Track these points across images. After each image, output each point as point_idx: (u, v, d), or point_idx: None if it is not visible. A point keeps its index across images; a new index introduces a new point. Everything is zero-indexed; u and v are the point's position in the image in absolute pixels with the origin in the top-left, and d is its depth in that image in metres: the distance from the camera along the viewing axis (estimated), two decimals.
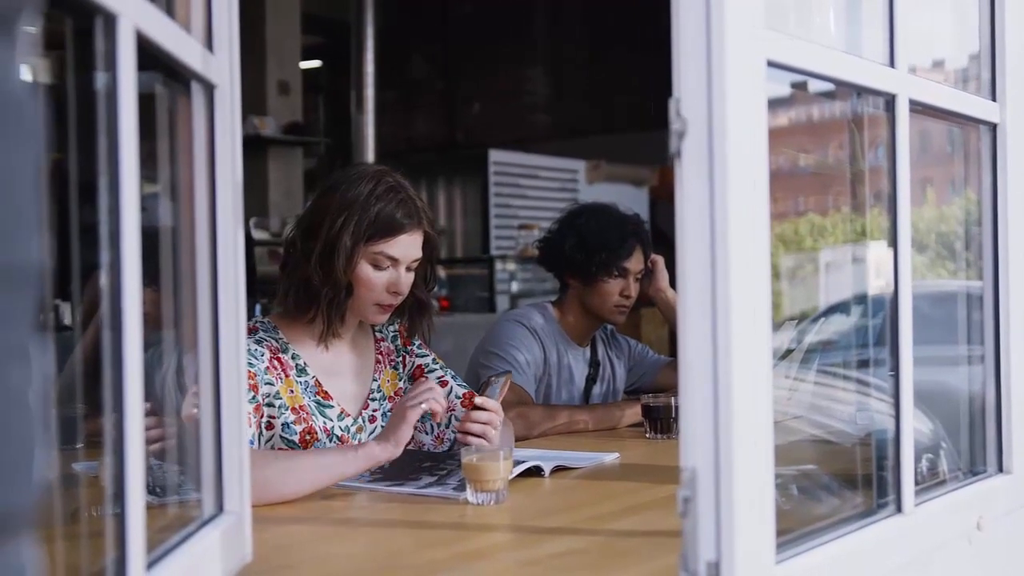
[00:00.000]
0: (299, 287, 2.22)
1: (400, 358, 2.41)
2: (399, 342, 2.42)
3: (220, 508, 1.36)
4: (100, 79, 1.00)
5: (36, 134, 0.57)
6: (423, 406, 2.01)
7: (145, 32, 1.05)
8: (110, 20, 0.98)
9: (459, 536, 1.74)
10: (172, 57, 1.18)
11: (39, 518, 0.58)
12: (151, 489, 1.21)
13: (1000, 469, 1.80)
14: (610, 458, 2.37)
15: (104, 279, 1.00)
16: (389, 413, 2.32)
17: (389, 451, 1.98)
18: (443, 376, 2.40)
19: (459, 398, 2.36)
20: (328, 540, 1.74)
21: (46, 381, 0.59)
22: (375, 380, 2.36)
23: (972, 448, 1.85)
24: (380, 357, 2.38)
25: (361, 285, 2.21)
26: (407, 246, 2.22)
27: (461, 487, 1.93)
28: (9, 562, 0.55)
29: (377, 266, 2.20)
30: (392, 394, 2.37)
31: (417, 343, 2.43)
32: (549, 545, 1.64)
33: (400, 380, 2.39)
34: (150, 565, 1.07)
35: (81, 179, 1.02)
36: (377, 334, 2.41)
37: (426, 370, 2.40)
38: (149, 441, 1.12)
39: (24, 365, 0.56)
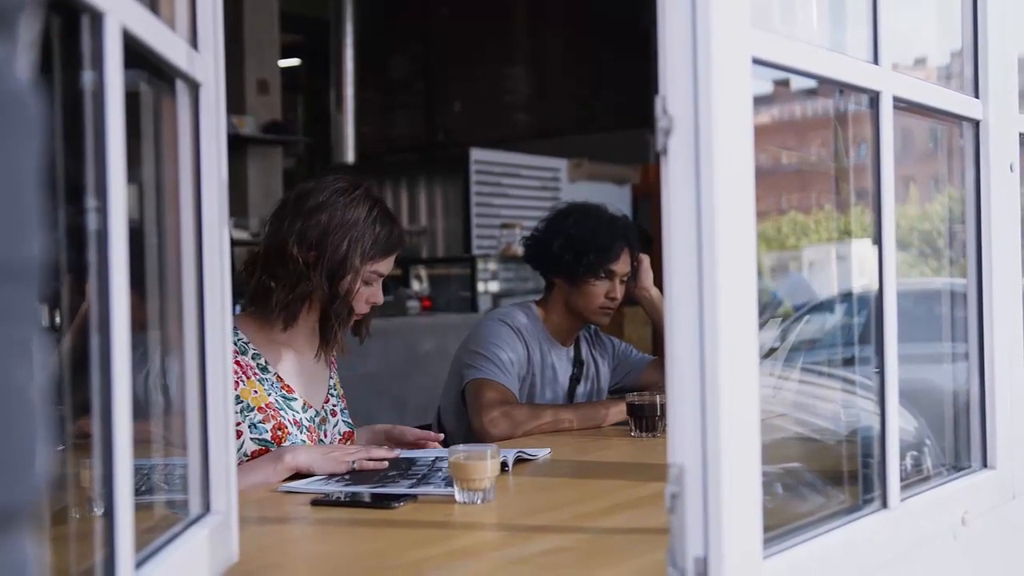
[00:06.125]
0: (300, 300, 2.26)
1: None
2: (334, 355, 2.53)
3: (207, 508, 1.36)
4: (86, 77, 1.00)
5: (37, 132, 0.58)
6: (354, 464, 2.13)
7: (131, 30, 1.05)
8: (97, 18, 0.98)
9: (446, 535, 1.74)
10: (158, 55, 1.17)
11: (39, 515, 0.58)
12: (136, 489, 1.20)
13: (984, 464, 1.81)
14: (542, 453, 2.37)
15: (91, 280, 0.99)
16: (345, 411, 2.46)
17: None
18: (342, 405, 2.51)
19: (340, 434, 2.43)
20: (314, 540, 1.74)
21: (47, 377, 0.59)
22: (331, 378, 2.46)
23: (956, 444, 1.86)
24: (332, 358, 2.48)
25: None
26: (392, 263, 2.35)
27: (450, 483, 1.92)
28: (13, 557, 0.55)
29: (368, 283, 2.30)
30: (340, 394, 2.48)
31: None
32: (537, 543, 1.64)
33: (340, 386, 2.52)
34: (138, 565, 1.06)
35: (66, 179, 1.01)
36: None
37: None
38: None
39: (27, 360, 0.56)
